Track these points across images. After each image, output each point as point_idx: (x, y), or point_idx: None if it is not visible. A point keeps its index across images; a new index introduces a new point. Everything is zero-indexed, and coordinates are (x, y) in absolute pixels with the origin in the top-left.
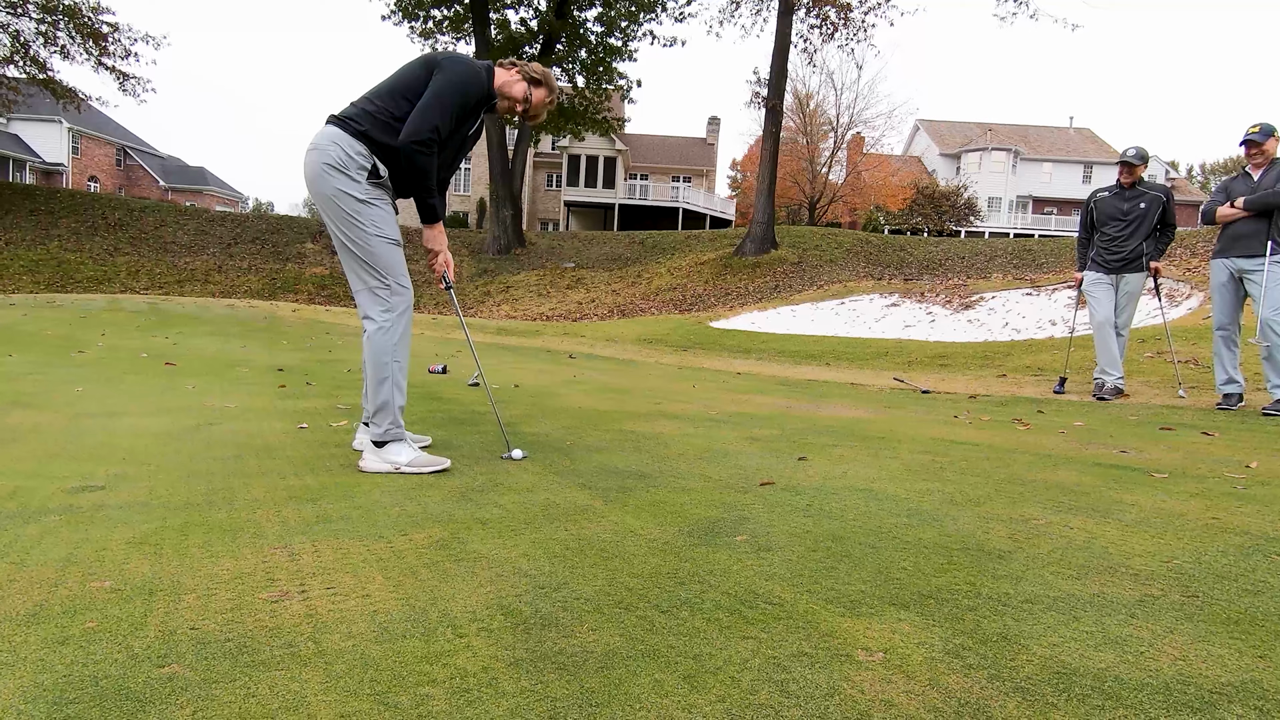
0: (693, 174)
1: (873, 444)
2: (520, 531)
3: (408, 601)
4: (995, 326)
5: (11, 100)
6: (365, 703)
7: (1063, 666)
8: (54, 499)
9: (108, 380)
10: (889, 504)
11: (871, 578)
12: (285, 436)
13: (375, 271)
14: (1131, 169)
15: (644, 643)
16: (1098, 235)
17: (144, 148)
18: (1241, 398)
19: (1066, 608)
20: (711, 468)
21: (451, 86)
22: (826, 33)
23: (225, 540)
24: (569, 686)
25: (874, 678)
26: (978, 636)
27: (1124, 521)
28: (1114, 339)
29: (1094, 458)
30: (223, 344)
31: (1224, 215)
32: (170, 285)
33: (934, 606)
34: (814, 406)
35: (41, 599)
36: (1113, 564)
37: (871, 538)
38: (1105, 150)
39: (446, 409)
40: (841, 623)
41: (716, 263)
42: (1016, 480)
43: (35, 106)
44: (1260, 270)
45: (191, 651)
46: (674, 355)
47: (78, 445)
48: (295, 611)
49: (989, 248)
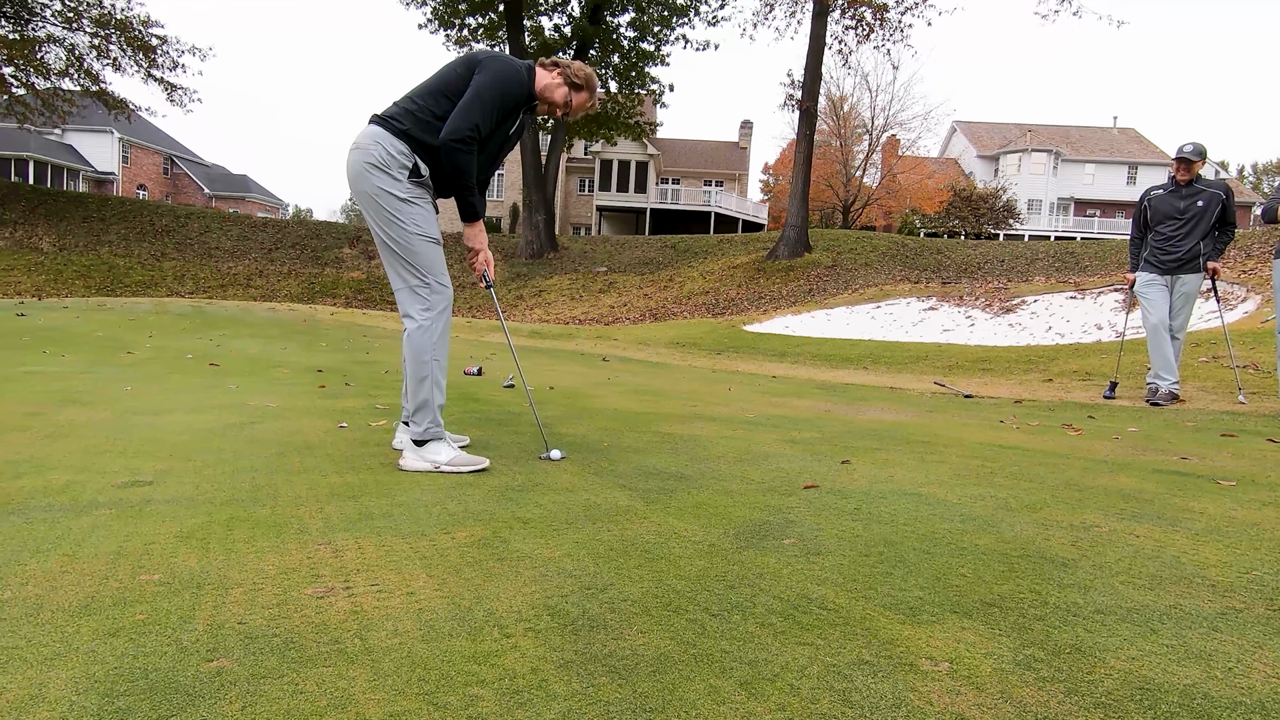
0: (725, 178)
1: (917, 448)
2: (562, 531)
3: (452, 600)
4: (1038, 330)
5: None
6: (413, 702)
7: (1145, 681)
8: (104, 493)
9: (154, 379)
10: (940, 509)
11: (929, 584)
12: (325, 435)
13: (415, 270)
14: (1189, 165)
15: (696, 647)
16: (1152, 235)
17: (190, 156)
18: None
19: (1142, 619)
20: (752, 470)
21: (492, 85)
22: (862, 34)
23: (270, 536)
24: (621, 690)
25: (941, 688)
26: (1049, 648)
27: (1193, 530)
28: (1169, 342)
29: (1153, 464)
30: (264, 345)
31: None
32: (214, 289)
33: (998, 615)
34: (853, 410)
35: (93, 591)
36: (1186, 574)
37: (925, 543)
38: (1151, 151)
39: (483, 410)
40: (902, 630)
41: (749, 266)
42: (1073, 486)
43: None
44: None
45: (239, 646)
46: (707, 358)
47: (126, 441)
48: (341, 608)
49: (1030, 250)
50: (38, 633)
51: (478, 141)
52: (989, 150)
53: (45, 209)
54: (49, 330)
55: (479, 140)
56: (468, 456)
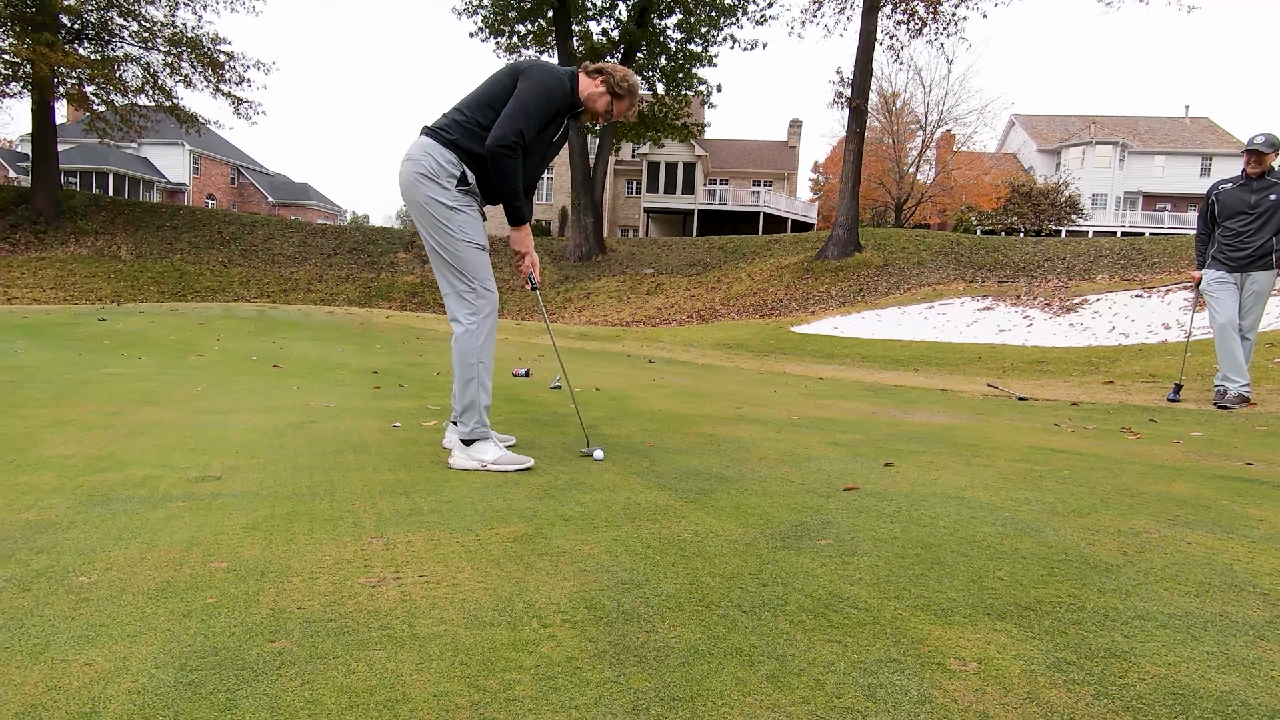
0: (773, 177)
1: (964, 451)
2: (601, 529)
3: (495, 591)
4: (1101, 331)
5: (143, 127)
6: (456, 684)
7: (1180, 687)
8: (177, 487)
9: (222, 381)
10: (983, 512)
11: (964, 586)
12: (379, 434)
13: (462, 275)
14: (1260, 158)
15: (726, 641)
16: (1220, 230)
17: (255, 166)
18: None
19: (1183, 626)
20: (793, 471)
21: (536, 93)
22: (914, 28)
23: (327, 529)
24: (651, 680)
25: (967, 688)
26: (1082, 651)
27: (1250, 538)
28: (1238, 343)
29: (1214, 470)
30: (323, 348)
31: None
32: (276, 294)
33: (1033, 619)
34: (901, 412)
35: (168, 576)
36: (1237, 582)
37: (964, 546)
38: (1226, 141)
39: (530, 410)
40: (932, 630)
41: (798, 267)
42: (1125, 491)
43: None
44: None
45: (299, 629)
46: (754, 360)
47: (196, 439)
48: (391, 596)
49: (1093, 247)
50: (121, 613)
51: (522, 147)
52: (1050, 144)
53: (123, 219)
54: (127, 334)
55: (523, 146)
56: (513, 456)
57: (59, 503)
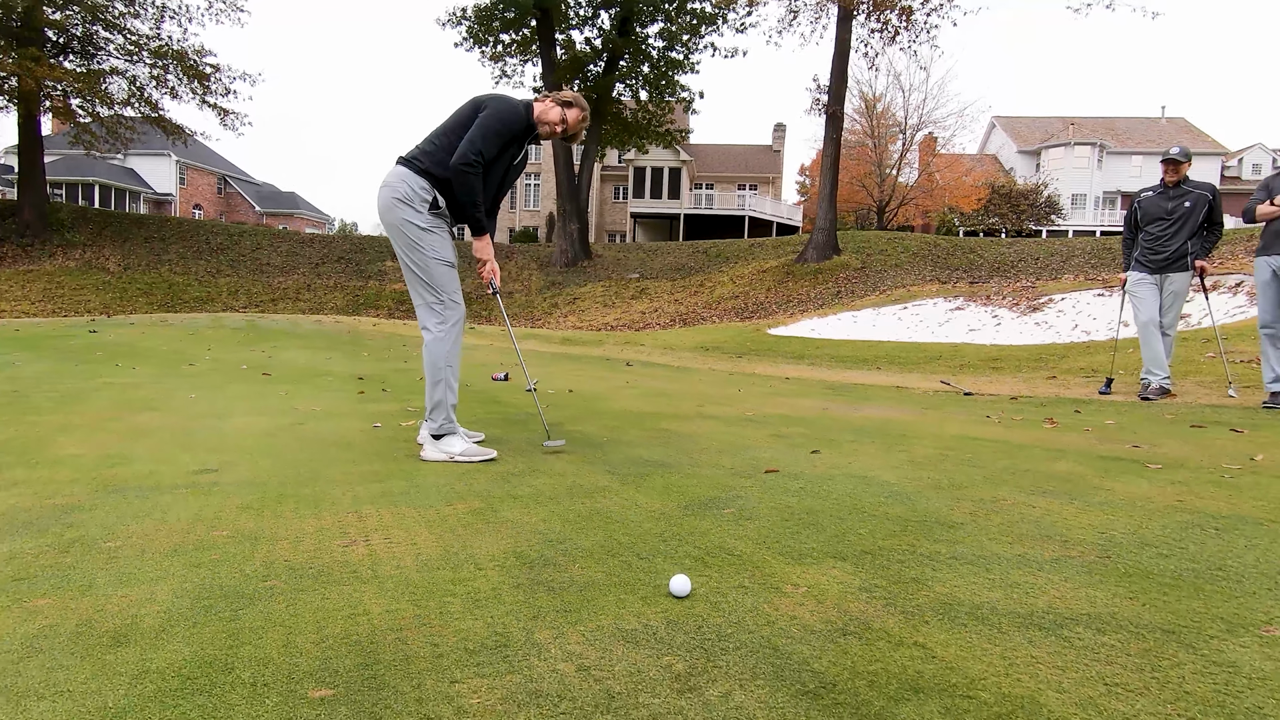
0: (759, 181)
1: (890, 440)
2: (544, 504)
3: (444, 548)
4: (1064, 329)
5: (129, 139)
6: (405, 605)
7: (951, 600)
8: (180, 478)
9: (214, 388)
10: (875, 487)
11: (825, 540)
12: (361, 434)
13: (432, 289)
14: (1176, 167)
15: (619, 577)
16: (1142, 235)
17: (241, 176)
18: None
19: (983, 563)
20: (728, 459)
21: (494, 119)
22: (887, 36)
23: (310, 507)
24: (553, 600)
25: (791, 602)
26: (891, 579)
27: (1088, 503)
28: (1159, 339)
29: (1102, 451)
30: (311, 356)
31: (1264, 213)
32: (265, 303)
33: (868, 560)
34: (852, 408)
35: (179, 541)
36: (1050, 534)
37: (843, 512)
38: (1202, 140)
39: (504, 411)
40: (783, 568)
41: (779, 270)
42: (1010, 470)
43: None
44: None
45: (285, 574)
46: (728, 362)
47: (195, 440)
48: (360, 552)
49: (1066, 247)
50: (144, 566)
51: (483, 165)
52: (1030, 145)
53: (111, 230)
54: (119, 345)
55: (484, 164)
56: (479, 449)
57: (78, 491)
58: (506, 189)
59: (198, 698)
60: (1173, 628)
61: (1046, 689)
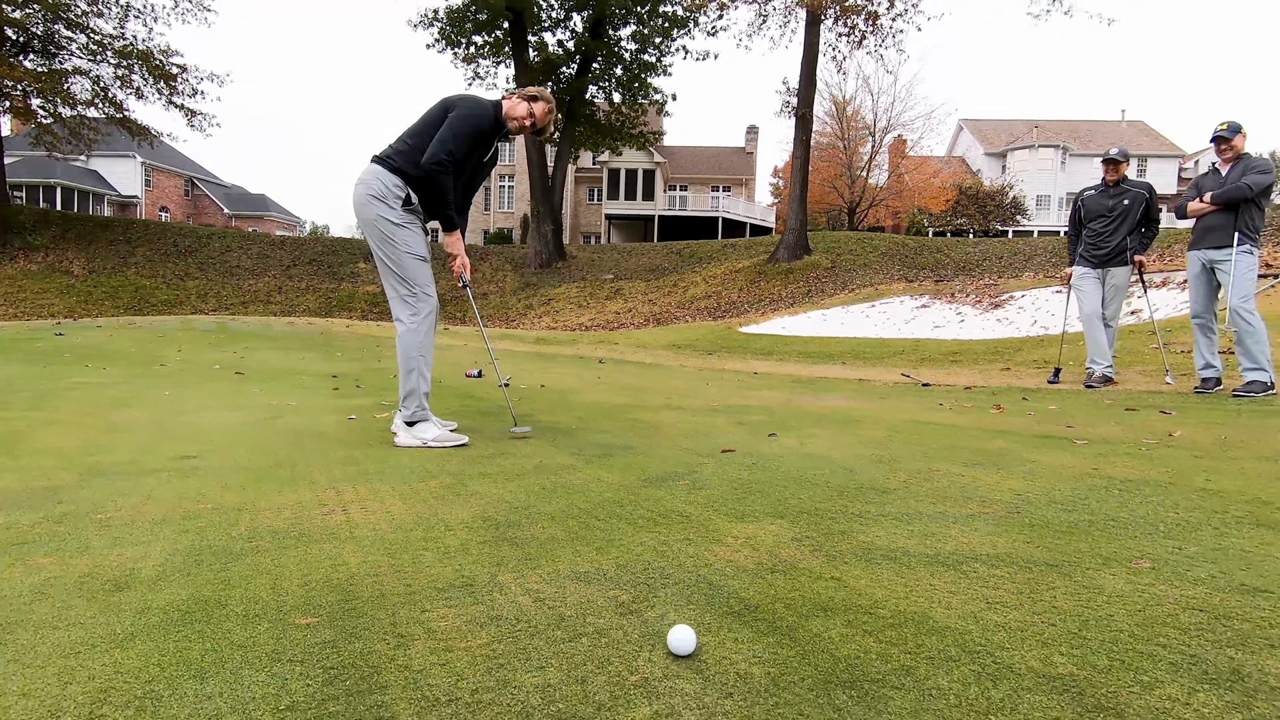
0: (732, 183)
1: (845, 426)
2: (512, 480)
3: (417, 515)
4: (1024, 324)
5: (92, 140)
6: (380, 557)
7: (870, 545)
8: (162, 464)
9: (188, 387)
10: (822, 463)
11: (768, 504)
12: (337, 425)
13: (405, 282)
14: (1116, 166)
15: (576, 535)
16: (1085, 231)
17: (209, 178)
18: (1219, 381)
19: (906, 518)
20: (689, 442)
21: (463, 120)
22: (854, 41)
23: (289, 485)
24: (515, 551)
25: (729, 550)
26: (822, 531)
27: (1013, 472)
28: (1102, 330)
29: (1038, 432)
30: (284, 356)
31: (1194, 210)
32: (235, 306)
33: (806, 518)
34: (813, 399)
35: (166, 513)
36: (972, 495)
37: (789, 482)
38: (1161, 143)
39: (477, 404)
40: (726, 525)
41: (751, 270)
42: (950, 447)
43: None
44: (1228, 260)
45: (269, 537)
46: (699, 359)
47: (172, 432)
48: (338, 519)
49: (1029, 247)
50: (136, 532)
51: (453, 164)
52: (996, 147)
53: (74, 233)
54: (87, 348)
55: (455, 163)
56: (451, 434)
57: (65, 476)
58: (477, 186)
59: (196, 626)
60: (1056, 562)
61: (936, 607)
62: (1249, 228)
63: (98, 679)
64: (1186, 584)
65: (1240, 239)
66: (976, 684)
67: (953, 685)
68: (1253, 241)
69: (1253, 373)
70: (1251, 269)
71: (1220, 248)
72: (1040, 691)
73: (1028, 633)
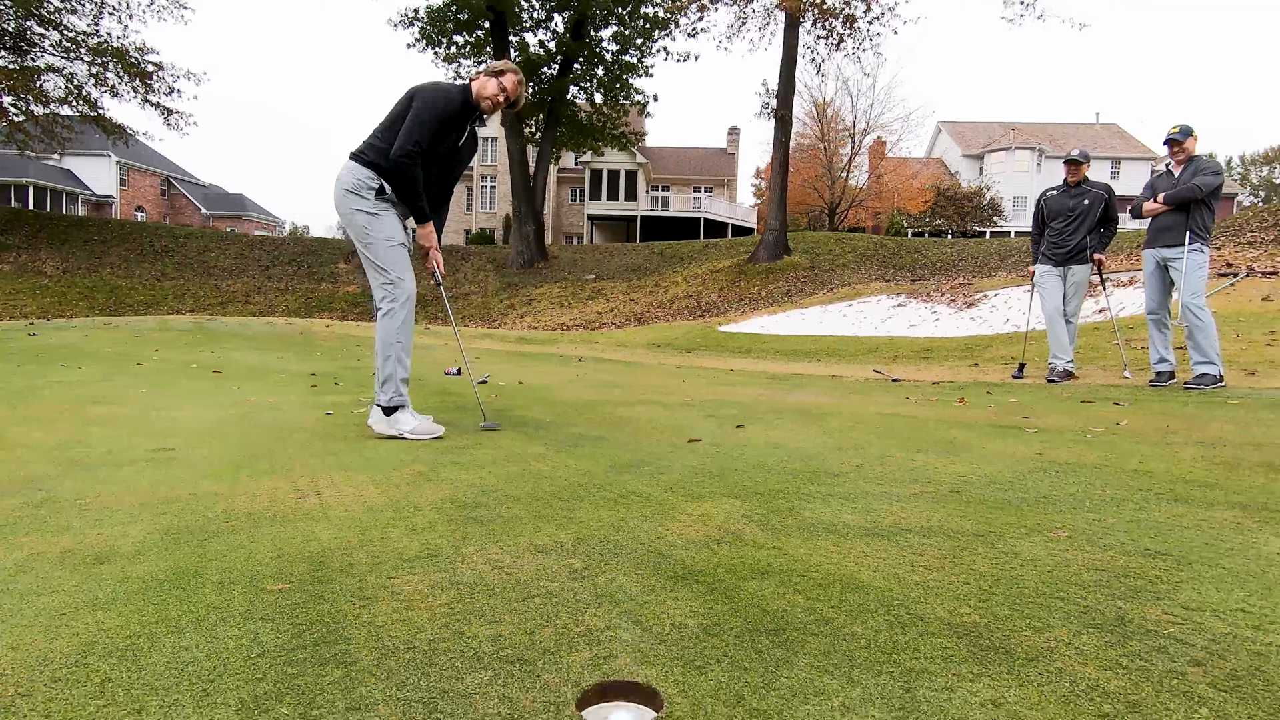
0: (714, 184)
1: (811, 418)
2: (483, 467)
3: (389, 498)
4: (996, 322)
5: (66, 138)
6: (351, 535)
7: (814, 520)
8: (140, 455)
9: (165, 385)
10: (783, 450)
11: (725, 486)
12: (314, 420)
13: (382, 269)
14: (1077, 167)
15: (540, 514)
16: (1047, 230)
17: (186, 177)
18: (1173, 375)
19: (852, 498)
20: (658, 434)
21: (427, 108)
22: (832, 43)
23: (266, 474)
24: (480, 528)
25: (682, 525)
26: (771, 509)
27: (963, 458)
28: (1063, 326)
29: (995, 422)
30: (262, 356)
31: (1149, 210)
32: (213, 306)
33: (758, 498)
34: (785, 394)
35: (144, 500)
36: (917, 478)
37: (748, 467)
38: (1134, 145)
39: (455, 399)
40: (682, 504)
41: (731, 270)
42: (909, 437)
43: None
44: (1180, 258)
45: (245, 518)
46: (678, 357)
47: (150, 426)
48: (313, 503)
49: (1004, 247)
50: (115, 515)
51: (421, 154)
52: (974, 149)
53: (48, 233)
54: (62, 347)
55: (423, 153)
56: (428, 426)
57: (44, 467)
58: (457, 176)
59: (174, 592)
60: (982, 532)
61: (865, 570)
62: (1200, 227)
63: (82, 635)
64: (1096, 550)
65: (1192, 238)
66: (887, 630)
67: (865, 632)
68: (1204, 240)
69: (1203, 366)
70: (1203, 267)
71: (1173, 246)
72: (943, 635)
73: (943, 590)
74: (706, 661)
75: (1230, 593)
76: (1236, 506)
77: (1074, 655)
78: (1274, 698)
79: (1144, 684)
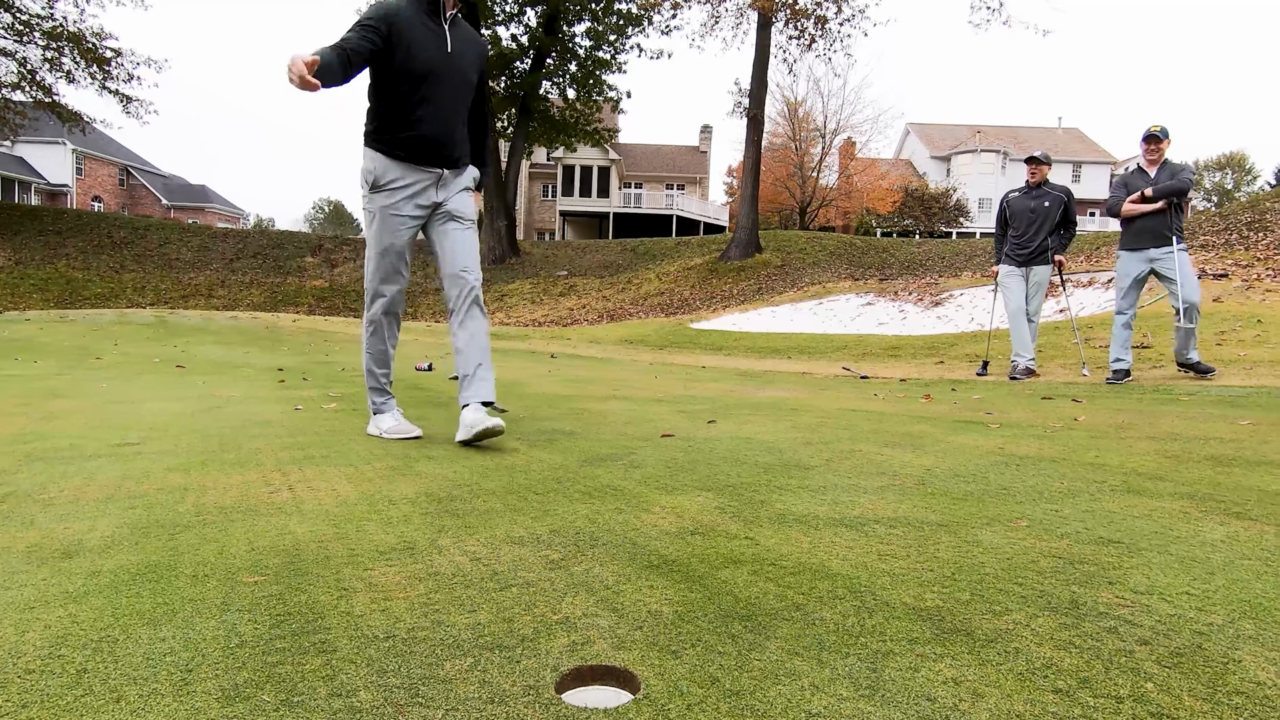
0: (686, 181)
1: (782, 413)
2: (457, 461)
3: (363, 491)
4: (962, 321)
5: (18, 125)
6: (325, 528)
7: (785, 511)
8: (103, 449)
9: (126, 379)
10: (754, 444)
11: (698, 479)
12: (282, 414)
13: (366, 275)
14: (1038, 166)
15: (515, 507)
16: (1010, 231)
17: (146, 167)
18: (1129, 373)
19: (821, 490)
20: (631, 428)
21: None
22: (804, 43)
23: (235, 467)
24: (455, 521)
25: (655, 517)
26: (743, 501)
27: (928, 452)
28: (1025, 325)
29: (959, 418)
30: (227, 350)
31: (1129, 209)
32: (175, 300)
33: (730, 491)
34: (756, 390)
35: (110, 493)
36: (883, 471)
37: (719, 460)
38: (1094, 149)
39: (427, 395)
40: (656, 496)
41: (703, 268)
42: (876, 431)
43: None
44: (1168, 258)
45: (216, 511)
46: (650, 353)
47: (113, 420)
48: (285, 497)
49: (970, 247)
50: (82, 509)
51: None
52: (941, 151)
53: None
54: (15, 341)
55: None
56: (406, 426)
57: (1, 461)
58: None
59: (147, 585)
60: (946, 522)
61: (834, 558)
62: (1180, 228)
63: (54, 628)
64: (1053, 538)
65: (1178, 239)
66: (855, 615)
67: (834, 616)
68: (1182, 240)
69: (1196, 354)
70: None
71: (1161, 246)
72: (908, 619)
73: (908, 577)
74: (681, 646)
75: (1176, 577)
76: (1184, 497)
77: (1030, 636)
78: (1213, 672)
79: (1095, 661)
